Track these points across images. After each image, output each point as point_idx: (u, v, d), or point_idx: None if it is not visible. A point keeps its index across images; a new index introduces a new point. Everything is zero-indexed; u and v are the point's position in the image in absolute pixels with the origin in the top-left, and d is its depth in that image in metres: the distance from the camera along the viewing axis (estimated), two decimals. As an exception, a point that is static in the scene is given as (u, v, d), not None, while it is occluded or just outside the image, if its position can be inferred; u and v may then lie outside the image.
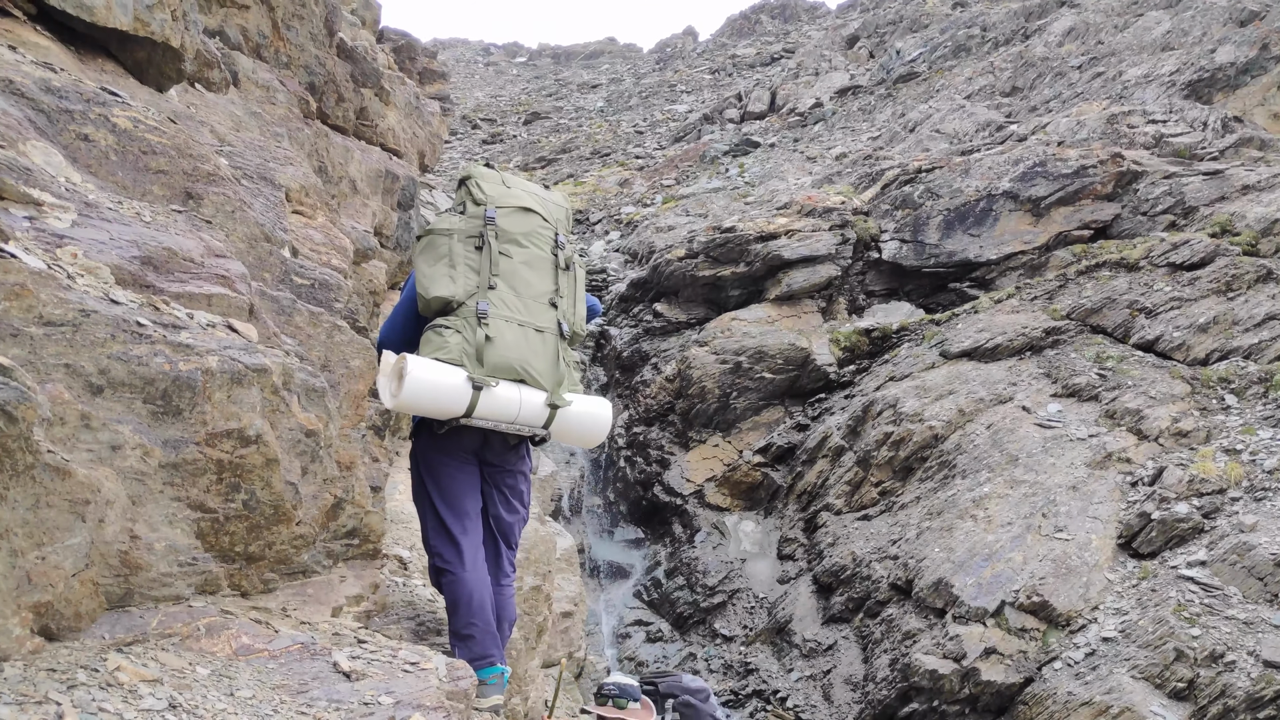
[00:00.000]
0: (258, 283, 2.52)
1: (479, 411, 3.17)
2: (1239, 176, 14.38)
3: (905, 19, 29.06)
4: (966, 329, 13.96)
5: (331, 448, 2.46)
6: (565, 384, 3.58)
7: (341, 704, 1.88)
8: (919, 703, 9.90)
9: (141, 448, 1.80)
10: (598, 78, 41.43)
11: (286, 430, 2.17)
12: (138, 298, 1.90)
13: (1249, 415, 11.14)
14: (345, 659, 2.10)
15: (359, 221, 4.74)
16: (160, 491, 1.90)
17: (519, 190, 3.69)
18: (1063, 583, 9.97)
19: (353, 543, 3.09)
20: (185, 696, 1.64)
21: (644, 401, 16.05)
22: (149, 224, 2.15)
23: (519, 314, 3.40)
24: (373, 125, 5.31)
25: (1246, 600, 9.07)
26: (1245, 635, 8.69)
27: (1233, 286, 12.72)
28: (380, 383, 3.08)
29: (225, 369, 1.90)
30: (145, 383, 1.78)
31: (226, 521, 2.08)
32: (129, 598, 1.92)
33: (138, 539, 1.86)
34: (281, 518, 2.24)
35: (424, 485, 3.52)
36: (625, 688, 4.31)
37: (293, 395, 2.19)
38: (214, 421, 1.92)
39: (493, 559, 3.77)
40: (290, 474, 2.19)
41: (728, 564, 13.56)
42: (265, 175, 2.98)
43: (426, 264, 3.31)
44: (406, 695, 2.00)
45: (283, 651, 2.03)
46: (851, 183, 18.57)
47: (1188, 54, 17.59)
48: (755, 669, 11.79)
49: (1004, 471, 11.45)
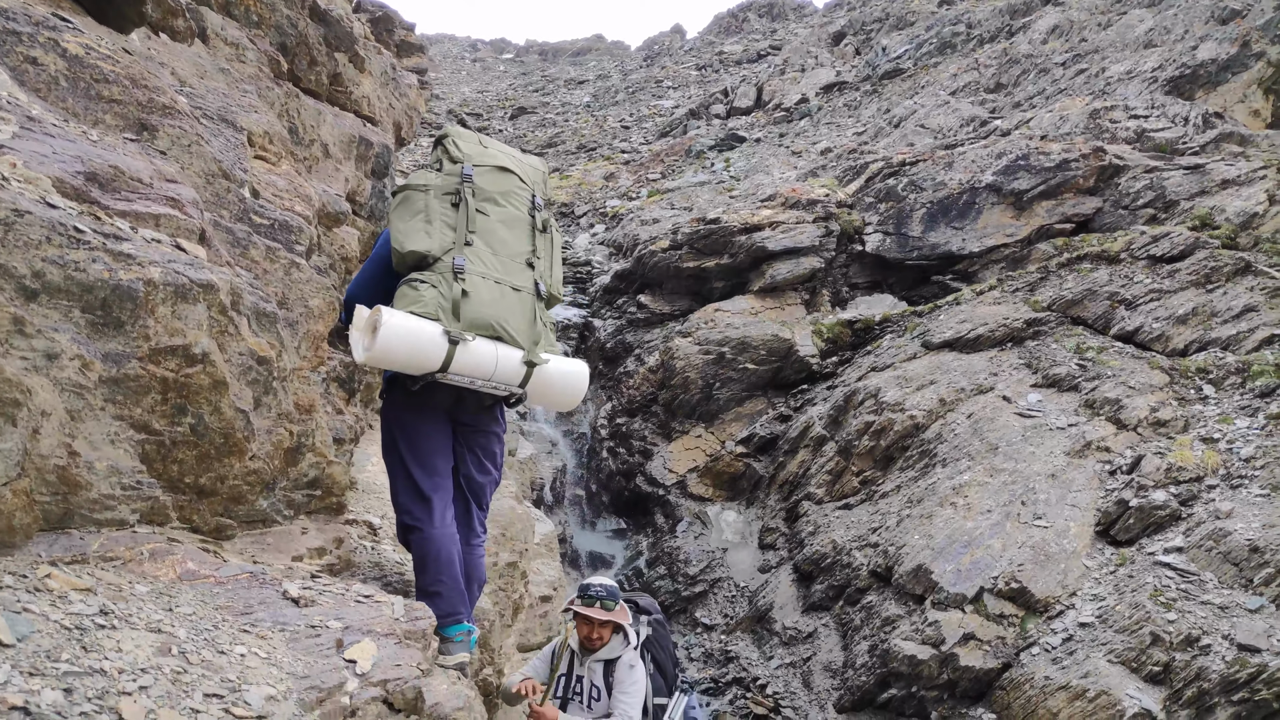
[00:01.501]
0: (211, 214, 2.46)
1: (454, 367, 3.13)
2: (1219, 171, 14.48)
3: (891, 16, 29.13)
4: (948, 320, 13.99)
5: (287, 382, 2.41)
6: (542, 343, 3.55)
7: (287, 626, 1.83)
8: (898, 688, 9.90)
9: (80, 359, 1.75)
10: (585, 74, 41.34)
11: (236, 355, 2.12)
12: (78, 206, 1.85)
13: (1226, 405, 11.21)
14: (295, 589, 2.05)
15: (331, 186, 4.67)
16: (101, 408, 1.84)
17: (496, 150, 3.66)
18: (1041, 569, 9.99)
19: (315, 493, 3.03)
20: (119, 606, 1.59)
21: (627, 392, 16.01)
22: (96, 143, 2.09)
23: (496, 271, 3.37)
24: (347, 92, 5.24)
25: (1222, 585, 9.11)
26: (1220, 620, 8.72)
27: (1212, 279, 12.80)
28: (353, 336, 3.02)
29: (169, 281, 1.85)
30: (84, 290, 1.73)
31: (173, 447, 2.02)
32: (69, 518, 1.86)
33: (77, 456, 1.81)
34: (233, 449, 2.18)
35: (395, 443, 3.46)
36: (611, 589, 4.35)
37: (243, 318, 2.14)
38: (157, 337, 1.86)
39: (463, 518, 3.74)
40: (241, 401, 2.13)
41: (709, 553, 13.54)
42: (226, 118, 2.92)
43: (401, 219, 3.26)
44: (357, 622, 1.95)
45: (230, 579, 1.98)
46: (836, 176, 18.59)
47: (1170, 51, 17.71)
48: (735, 657, 11.77)
49: (984, 460, 11.48)
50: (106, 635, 1.46)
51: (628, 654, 4.49)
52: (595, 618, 4.31)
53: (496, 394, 3.53)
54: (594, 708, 4.41)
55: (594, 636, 4.38)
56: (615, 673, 4.45)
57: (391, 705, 1.75)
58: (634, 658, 4.51)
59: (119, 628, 1.50)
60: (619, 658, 4.48)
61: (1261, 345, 11.74)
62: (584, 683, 4.45)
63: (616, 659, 4.48)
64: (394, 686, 1.76)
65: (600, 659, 4.45)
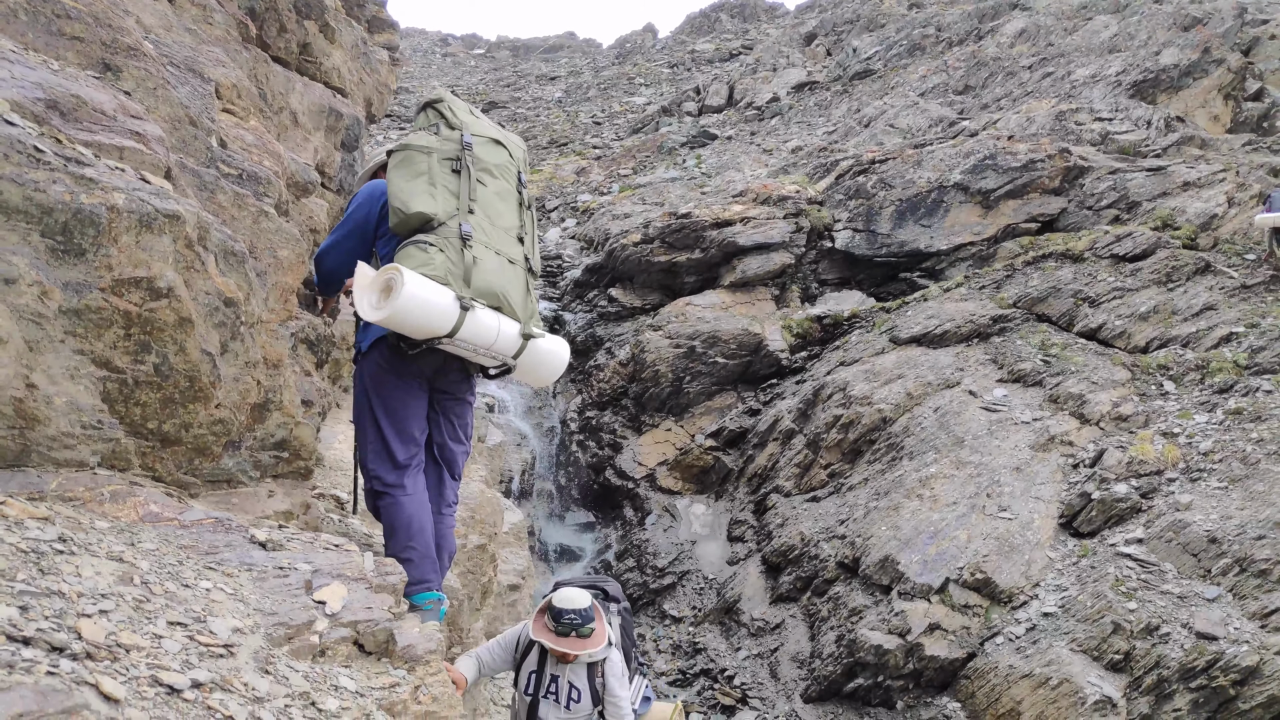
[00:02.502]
0: (178, 156, 2.39)
1: (461, 334, 3.08)
2: (1180, 174, 14.77)
3: (862, 18, 29.37)
4: (916, 316, 14.12)
5: (255, 329, 2.34)
6: (535, 317, 3.56)
7: (254, 566, 1.77)
8: (864, 678, 9.96)
9: (39, 285, 1.68)
10: (556, 70, 41.21)
11: (203, 294, 2.05)
12: (38, 128, 1.78)
13: (1186, 400, 11.43)
14: (263, 534, 1.98)
15: (299, 155, 4.58)
16: (61, 341, 1.77)
17: (485, 123, 3.65)
18: (1006, 560, 10.11)
19: (282, 455, 2.96)
20: (79, 536, 1.52)
21: (597, 386, 15.96)
22: (57, 73, 2.01)
23: (495, 242, 3.35)
24: (316, 62, 5.14)
25: (1181, 576, 9.28)
26: (1179, 609, 8.88)
27: (1172, 278, 13.05)
28: (358, 294, 2.95)
29: (134, 209, 1.78)
30: (43, 212, 1.66)
31: (136, 387, 1.95)
32: (26, 455, 1.79)
33: (35, 388, 1.73)
34: (198, 394, 2.11)
35: (369, 406, 3.39)
36: (584, 612, 3.98)
37: (210, 255, 2.07)
38: (120, 267, 1.79)
39: (435, 487, 3.68)
40: (208, 344, 2.06)
41: (678, 546, 13.53)
42: (194, 68, 2.84)
43: (404, 179, 3.18)
44: (327, 566, 1.90)
45: (194, 523, 1.91)
46: (807, 174, 18.69)
47: (1134, 56, 18.03)
48: (703, 648, 11.77)
49: (950, 453, 11.59)
50: (65, 560, 1.40)
51: (613, 655, 4.20)
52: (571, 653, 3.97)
53: (487, 365, 3.50)
54: (572, 709, 4.09)
55: (569, 658, 4.05)
56: (604, 676, 4.16)
57: (362, 646, 1.70)
58: (617, 657, 4.25)
59: (78, 554, 1.43)
60: (605, 660, 4.19)
61: (1220, 343, 11.98)
62: (560, 682, 4.11)
63: (602, 661, 4.18)
64: (365, 628, 1.71)
65: (583, 661, 4.13)
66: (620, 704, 4.16)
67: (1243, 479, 9.80)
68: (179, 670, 1.27)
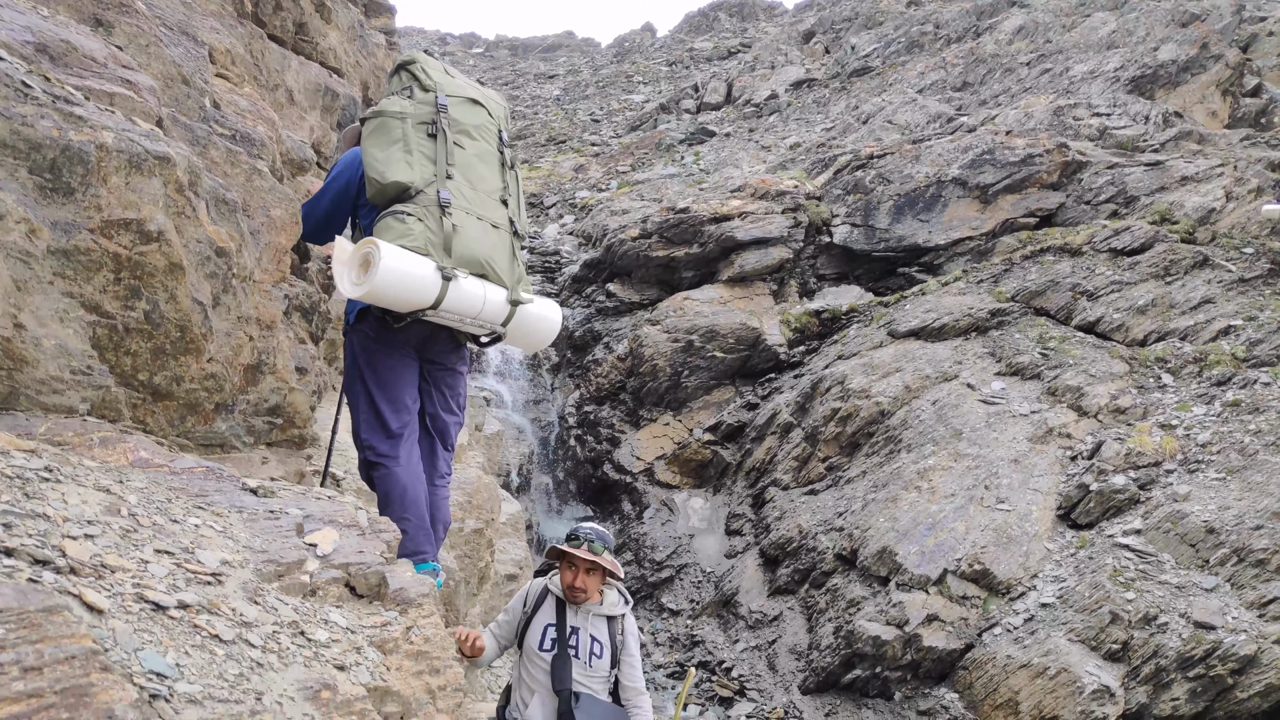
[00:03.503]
0: (170, 110, 2.37)
1: (445, 305, 3.04)
2: (1178, 168, 14.77)
3: (860, 16, 29.38)
4: (914, 310, 14.11)
5: (247, 284, 2.32)
6: (523, 282, 3.50)
7: (245, 509, 1.75)
8: (862, 669, 9.94)
9: (27, 223, 1.66)
10: (555, 69, 41.19)
11: (194, 241, 2.03)
12: (27, 65, 1.76)
13: (1184, 393, 11.42)
14: (254, 483, 1.96)
15: (295, 133, 4.57)
16: (50, 282, 1.75)
17: (462, 81, 3.58)
18: (1003, 551, 10.10)
19: (276, 421, 2.94)
20: (66, 469, 1.51)
21: (595, 380, 15.94)
22: (47, 19, 2.00)
23: (477, 207, 3.29)
24: (313, 42, 5.13)
25: (1179, 566, 9.27)
26: (1177, 599, 8.87)
27: (1171, 271, 13.05)
28: (338, 270, 2.90)
29: (123, 149, 1.76)
30: (31, 148, 1.64)
31: (127, 334, 1.93)
32: (14, 398, 1.77)
33: (23, 329, 1.72)
34: (190, 345, 2.10)
35: (361, 377, 3.36)
36: (602, 534, 3.77)
37: (201, 201, 2.05)
38: (109, 208, 1.78)
39: (429, 458, 3.65)
40: (199, 294, 2.05)
41: (676, 539, 13.51)
42: (187, 30, 2.82)
43: (379, 147, 3.12)
44: (319, 513, 1.88)
45: (185, 471, 1.89)
46: (805, 169, 18.68)
47: (1131, 52, 18.04)
48: (701, 641, 11.75)
49: (948, 445, 11.58)
50: (51, 488, 1.38)
51: (630, 615, 3.94)
52: (582, 557, 3.68)
53: (476, 333, 3.47)
54: (594, 665, 3.76)
55: (577, 586, 3.75)
56: (624, 634, 3.88)
57: (353, 589, 1.68)
58: (634, 621, 3.97)
59: (64, 483, 1.41)
60: (623, 615, 3.93)
61: (1218, 336, 11.98)
62: (581, 635, 3.78)
63: (621, 616, 3.92)
64: (356, 570, 1.69)
65: (604, 614, 3.86)
66: (637, 665, 3.91)
67: (1241, 470, 9.79)
68: (165, 592, 1.26)
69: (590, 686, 3.72)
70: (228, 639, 1.23)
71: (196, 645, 1.18)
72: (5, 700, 0.85)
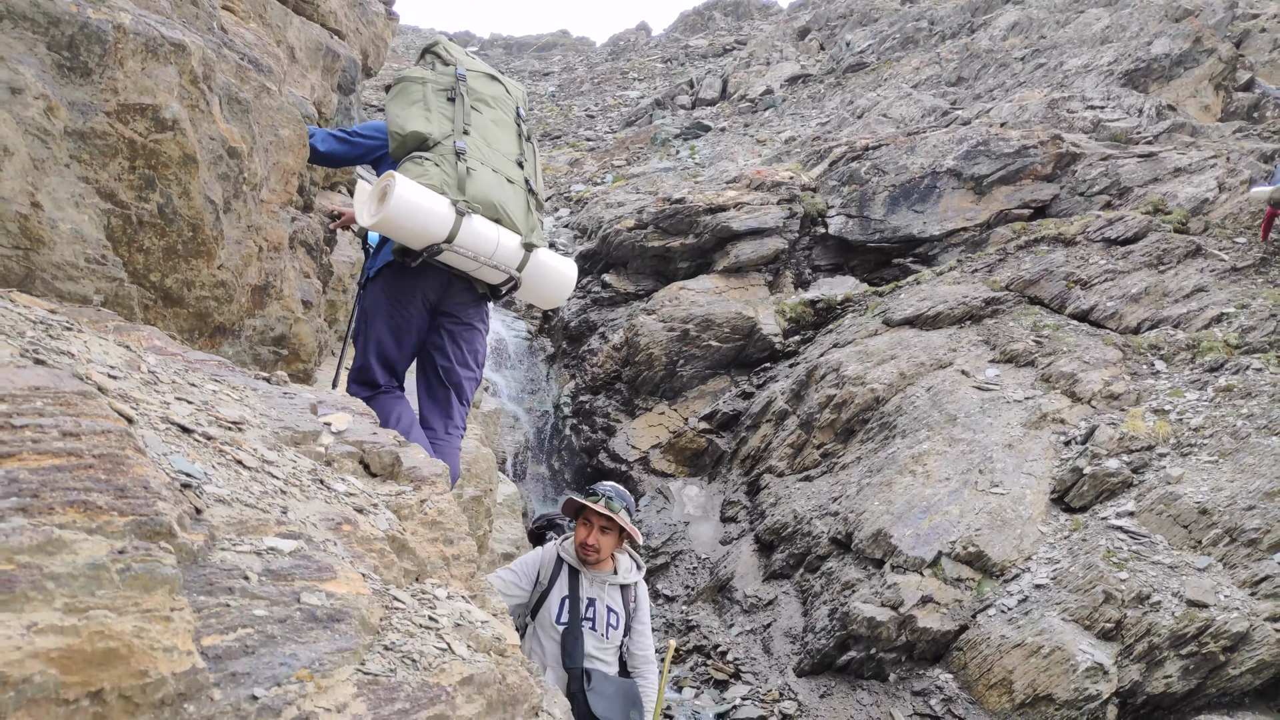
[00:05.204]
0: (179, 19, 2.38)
1: (459, 240, 3.10)
2: (1171, 160, 14.87)
3: (855, 13, 29.49)
4: (909, 298, 14.17)
5: (258, 191, 2.34)
6: (537, 230, 3.61)
7: (259, 389, 1.76)
8: (857, 651, 9.96)
9: (45, 99, 1.67)
10: (550, 67, 41.25)
11: (207, 138, 2.04)
12: (44, -54, 1.77)
13: (1177, 379, 11.50)
14: (267, 374, 1.98)
15: (297, 89, 4.58)
16: (66, 165, 1.77)
17: (481, 64, 3.79)
18: (998, 534, 10.14)
19: (281, 352, 2.96)
20: (85, 330, 1.52)
21: (591, 370, 15.96)
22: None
23: (492, 161, 3.42)
24: (313, 4, 5.15)
25: (1172, 546, 9.33)
26: (1170, 578, 8.93)
27: (1163, 260, 13.14)
28: (358, 207, 3.02)
29: (140, 32, 1.78)
30: (50, 22, 1.65)
31: (140, 227, 1.95)
32: (30, 280, 1.78)
33: (40, 208, 1.73)
34: (201, 248, 2.11)
35: (368, 323, 3.38)
36: (622, 493, 3.78)
37: (214, 97, 2.07)
38: (126, 92, 1.79)
39: (443, 409, 3.60)
40: (211, 192, 2.06)
41: (671, 527, 13.53)
42: (195, -40, 2.84)
43: (400, 106, 3.28)
44: (332, 401, 1.89)
45: (199, 362, 1.91)
46: (800, 161, 18.75)
47: (1125, 46, 18.16)
48: (696, 625, 11.76)
49: (943, 430, 11.63)
50: (74, 336, 1.39)
51: (643, 583, 3.91)
52: (599, 512, 3.62)
53: (492, 281, 3.49)
54: (610, 636, 3.72)
55: (589, 543, 3.69)
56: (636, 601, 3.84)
57: (367, 467, 1.69)
58: (645, 588, 3.95)
59: (85, 334, 1.43)
60: (636, 583, 3.90)
61: (1211, 323, 12.06)
62: (596, 606, 3.71)
63: (634, 584, 3.90)
64: (370, 448, 1.70)
65: (617, 583, 3.81)
66: (647, 634, 3.92)
67: (1233, 452, 9.86)
68: (190, 423, 1.27)
69: (603, 659, 3.69)
70: (252, 465, 1.25)
71: (223, 464, 1.19)
72: (48, 454, 0.87)
